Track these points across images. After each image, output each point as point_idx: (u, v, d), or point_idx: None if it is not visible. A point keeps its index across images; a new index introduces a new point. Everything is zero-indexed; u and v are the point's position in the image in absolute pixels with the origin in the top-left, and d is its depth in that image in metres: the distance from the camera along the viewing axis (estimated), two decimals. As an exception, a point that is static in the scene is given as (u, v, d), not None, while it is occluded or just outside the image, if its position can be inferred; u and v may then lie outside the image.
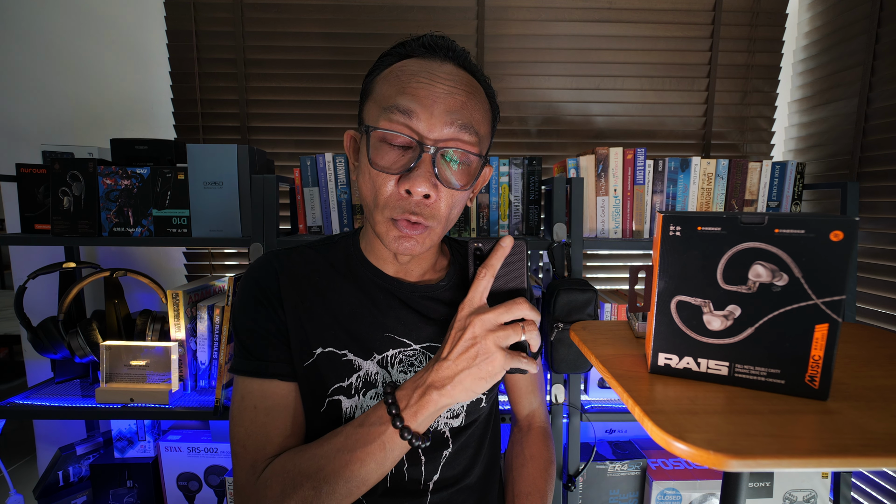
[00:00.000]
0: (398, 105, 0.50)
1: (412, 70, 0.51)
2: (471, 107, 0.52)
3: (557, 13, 1.24)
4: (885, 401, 0.37)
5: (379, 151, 0.51)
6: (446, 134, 0.50)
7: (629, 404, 0.38)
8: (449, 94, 0.51)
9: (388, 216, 0.52)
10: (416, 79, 0.51)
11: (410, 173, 0.50)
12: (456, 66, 0.53)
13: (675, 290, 0.40)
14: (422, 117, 0.50)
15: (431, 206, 0.52)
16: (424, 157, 0.50)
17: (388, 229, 0.53)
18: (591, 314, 0.87)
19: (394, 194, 0.51)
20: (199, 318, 1.00)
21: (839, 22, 1.14)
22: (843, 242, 0.34)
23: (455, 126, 0.50)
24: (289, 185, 1.05)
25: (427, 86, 0.50)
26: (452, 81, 0.51)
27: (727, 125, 1.29)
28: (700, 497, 0.99)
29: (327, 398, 0.56)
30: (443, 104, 0.50)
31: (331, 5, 1.23)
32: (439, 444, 0.59)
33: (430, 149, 0.50)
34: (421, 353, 0.59)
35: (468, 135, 0.52)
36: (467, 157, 0.53)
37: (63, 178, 0.95)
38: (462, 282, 0.64)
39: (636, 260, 1.35)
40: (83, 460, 1.13)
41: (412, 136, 0.50)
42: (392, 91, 0.51)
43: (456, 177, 0.53)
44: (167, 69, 1.24)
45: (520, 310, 0.48)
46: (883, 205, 1.03)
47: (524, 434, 0.72)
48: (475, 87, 0.54)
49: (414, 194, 0.50)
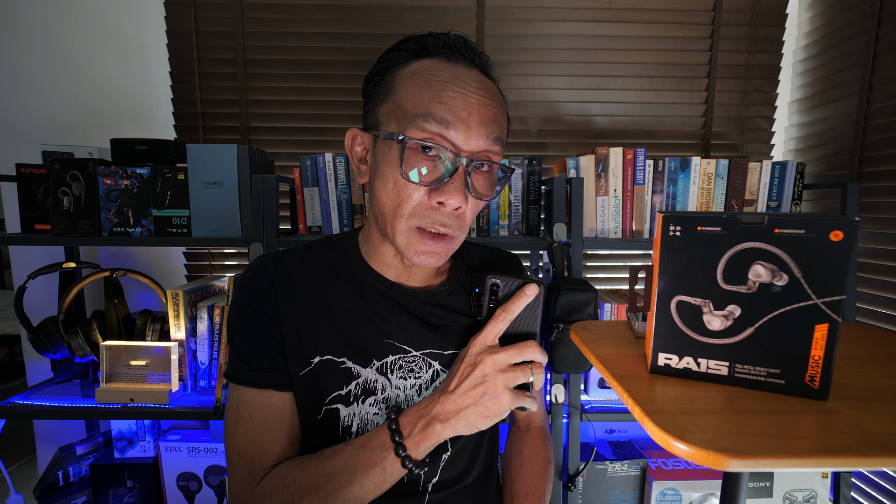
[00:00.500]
0: (434, 115, 0.48)
1: (443, 76, 0.50)
2: (500, 118, 0.53)
3: (557, 13, 1.24)
4: (885, 401, 0.37)
5: (410, 161, 0.50)
6: (480, 146, 0.50)
7: (629, 404, 0.38)
8: (482, 104, 0.50)
9: (414, 225, 0.51)
10: (449, 87, 0.49)
11: (445, 186, 0.49)
12: (481, 73, 0.53)
13: (675, 290, 0.40)
14: (459, 129, 0.49)
15: (461, 216, 0.52)
16: (460, 171, 0.50)
17: (412, 240, 0.52)
18: (591, 314, 0.87)
19: (422, 204, 0.51)
20: (199, 318, 1.00)
21: (839, 22, 1.14)
22: (843, 242, 0.34)
23: (489, 138, 0.51)
24: (289, 185, 1.05)
25: (461, 95, 0.49)
26: (484, 91, 0.51)
27: (727, 125, 1.29)
28: (700, 497, 0.99)
29: (324, 406, 0.55)
30: (478, 116, 0.50)
31: (331, 5, 1.23)
32: (439, 448, 0.59)
33: (465, 161, 0.50)
34: (421, 359, 0.58)
35: (499, 146, 0.52)
36: (495, 167, 0.54)
37: (63, 178, 0.95)
38: (463, 287, 0.64)
39: (636, 260, 1.35)
40: (83, 460, 1.13)
41: (449, 147, 0.49)
42: (423, 98, 0.49)
43: (485, 188, 0.54)
44: (167, 69, 1.24)
45: (531, 352, 0.49)
46: (883, 205, 1.03)
47: (522, 434, 0.72)
48: (499, 96, 0.54)
49: (447, 207, 0.50)
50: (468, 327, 0.61)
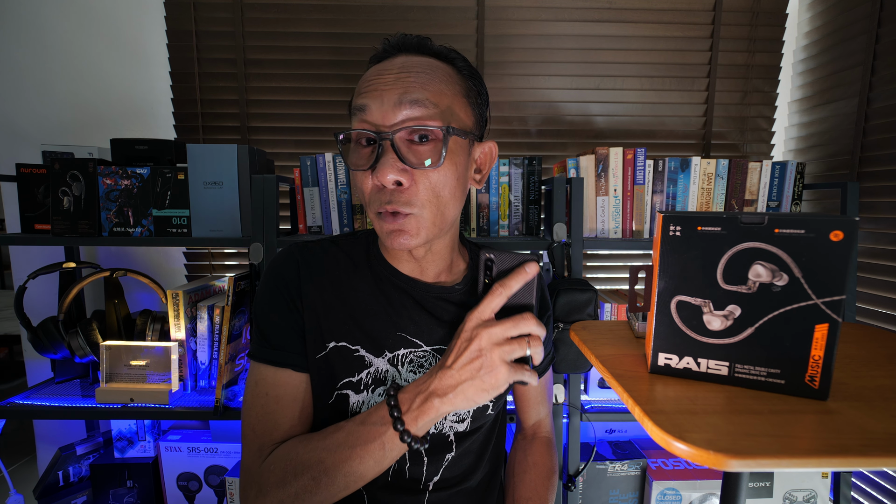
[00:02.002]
0: (355, 105, 0.53)
1: (368, 74, 0.54)
2: (421, 83, 0.51)
3: (557, 13, 1.24)
4: (885, 401, 0.37)
5: (351, 153, 0.55)
6: (399, 117, 0.51)
7: (629, 404, 0.38)
8: (396, 80, 0.51)
9: (374, 212, 0.54)
10: (368, 79, 0.53)
11: (376, 165, 0.51)
12: (408, 55, 0.54)
13: (675, 290, 0.40)
14: (373, 108, 0.51)
15: (407, 192, 0.51)
16: (385, 146, 0.51)
17: (381, 227, 0.54)
18: (591, 314, 0.87)
19: (373, 188, 0.53)
20: (199, 318, 1.00)
21: (839, 22, 1.14)
22: (843, 242, 0.34)
23: (405, 106, 0.50)
24: (289, 185, 1.05)
25: (375, 80, 0.52)
26: (401, 69, 0.52)
27: (727, 125, 1.29)
28: (700, 497, 0.99)
29: (336, 391, 0.57)
30: (391, 90, 0.51)
31: (331, 5, 1.23)
32: (443, 448, 0.59)
33: (388, 134, 0.50)
34: (431, 354, 0.59)
35: (421, 109, 0.50)
36: (429, 132, 0.51)
37: (63, 178, 0.95)
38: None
39: (636, 260, 1.35)
40: (83, 460, 1.13)
41: (369, 128, 0.51)
42: (354, 99, 0.54)
43: (422, 155, 0.51)
44: (167, 69, 1.24)
45: (527, 325, 0.49)
46: (883, 205, 1.03)
47: (528, 442, 0.72)
48: (431, 65, 0.53)
49: (385, 184, 0.51)
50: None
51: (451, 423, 0.59)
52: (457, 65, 0.56)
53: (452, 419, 0.59)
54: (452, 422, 0.59)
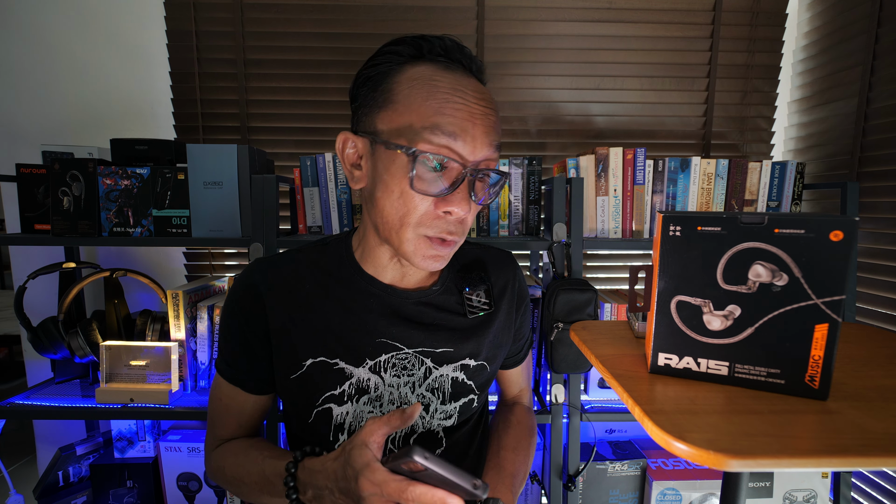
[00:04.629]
0: (441, 128, 0.49)
1: (444, 87, 0.50)
2: (498, 125, 0.54)
3: (557, 13, 1.24)
4: (885, 401, 0.37)
5: (419, 173, 0.50)
6: (484, 155, 0.51)
7: (629, 404, 0.38)
8: (484, 115, 0.51)
9: (421, 233, 0.52)
10: (452, 98, 0.50)
11: (452, 196, 0.51)
12: (478, 81, 0.54)
13: (675, 290, 0.40)
14: (465, 141, 0.50)
15: (464, 223, 0.54)
16: (466, 181, 0.51)
17: (419, 247, 0.53)
18: (591, 314, 0.87)
19: (429, 214, 0.52)
20: (199, 318, 1.00)
21: (839, 22, 1.14)
22: (843, 242, 0.34)
23: (492, 147, 0.52)
24: (289, 185, 1.05)
25: (464, 106, 0.50)
26: (483, 100, 0.52)
27: (727, 125, 1.29)
28: (700, 497, 0.99)
29: (315, 409, 0.57)
30: (482, 127, 0.51)
31: (331, 5, 1.23)
32: (433, 443, 0.60)
33: (470, 171, 0.51)
34: (414, 356, 0.59)
35: (497, 153, 0.54)
36: (494, 174, 0.55)
37: (63, 178, 0.95)
38: (455, 286, 0.64)
39: (636, 260, 1.35)
40: (83, 460, 1.13)
41: (456, 159, 0.50)
42: (428, 110, 0.49)
43: (486, 194, 0.56)
44: (167, 69, 1.24)
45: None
46: (883, 205, 1.03)
47: (510, 406, 0.77)
48: (494, 102, 0.55)
49: (455, 216, 0.52)
50: (459, 325, 0.62)
51: (439, 421, 0.60)
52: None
53: (440, 416, 0.60)
54: (440, 419, 0.60)
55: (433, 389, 0.60)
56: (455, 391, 0.60)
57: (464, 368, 0.61)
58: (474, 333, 0.62)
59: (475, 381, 0.62)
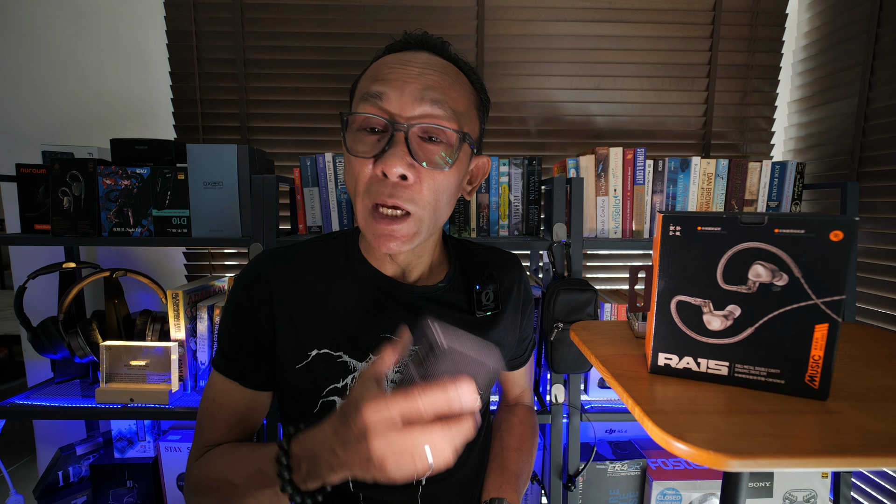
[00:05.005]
0: (370, 90, 0.50)
1: (387, 61, 0.53)
2: (445, 85, 0.51)
3: (557, 13, 1.24)
4: (885, 401, 0.37)
5: (355, 138, 0.52)
6: (418, 111, 0.50)
7: (629, 404, 0.38)
8: (420, 74, 0.51)
9: (367, 203, 0.51)
10: (388, 66, 0.52)
11: (384, 154, 0.49)
12: (431, 54, 0.54)
13: (675, 290, 0.40)
14: (392, 97, 0.49)
15: (411, 188, 0.50)
16: (397, 137, 0.49)
17: (370, 223, 0.51)
18: (591, 314, 0.87)
19: (372, 178, 0.50)
20: (199, 318, 1.00)
21: (839, 22, 1.14)
22: (843, 242, 0.34)
23: (426, 102, 0.50)
24: (289, 185, 1.05)
25: (398, 69, 0.51)
26: (424, 64, 0.52)
27: (727, 125, 1.29)
28: (700, 497, 0.99)
29: (321, 399, 0.56)
30: (414, 84, 0.50)
31: (331, 5, 1.23)
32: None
33: (403, 126, 0.49)
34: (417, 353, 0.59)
35: (441, 110, 0.50)
36: (444, 133, 0.51)
37: (63, 178, 0.95)
38: (462, 283, 0.64)
39: (636, 260, 1.35)
40: (83, 460, 1.13)
41: (383, 115, 0.50)
42: (367, 82, 0.52)
43: (432, 154, 0.51)
44: (167, 69, 1.24)
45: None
46: (883, 205, 1.03)
47: (512, 406, 0.77)
48: (452, 70, 0.54)
49: (389, 175, 0.49)
50: (465, 324, 0.61)
51: None
52: (470, 76, 0.57)
53: None
54: None
55: None
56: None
57: None
58: (479, 332, 0.62)
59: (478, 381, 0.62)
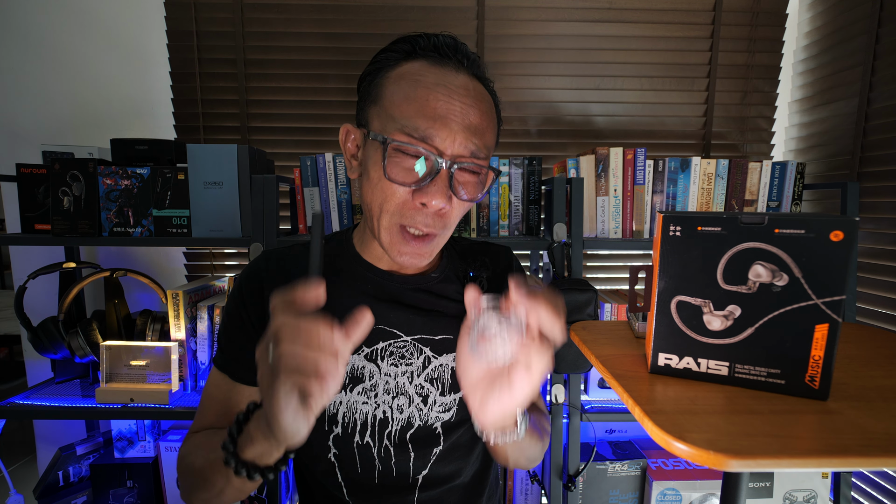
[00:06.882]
0: (416, 121, 0.50)
1: (428, 82, 0.51)
2: (485, 124, 0.53)
3: (557, 13, 1.24)
4: (885, 401, 0.37)
5: (394, 162, 0.51)
6: (463, 150, 0.51)
7: (629, 404, 0.38)
8: (465, 110, 0.51)
9: (396, 222, 0.53)
10: (433, 94, 0.50)
11: (427, 187, 0.50)
12: (469, 77, 0.53)
13: (675, 290, 0.40)
14: (442, 134, 0.50)
15: (445, 216, 0.53)
16: (442, 173, 0.51)
17: (394, 239, 0.53)
18: (591, 314, 0.87)
19: (406, 204, 0.52)
20: (200, 318, 1.00)
21: (839, 22, 1.14)
22: (843, 242, 0.34)
23: (472, 142, 0.51)
24: (289, 185, 1.05)
25: (445, 102, 0.50)
26: (469, 97, 0.52)
27: (727, 125, 1.29)
28: (700, 497, 0.99)
29: None
30: (461, 121, 0.50)
31: (331, 5, 1.23)
32: (430, 440, 0.59)
33: (447, 163, 0.51)
34: (412, 344, 0.59)
35: (483, 152, 0.53)
36: (482, 171, 0.54)
37: (63, 178, 0.95)
38: (455, 274, 0.64)
39: (636, 260, 1.35)
40: (83, 460, 1.13)
41: (432, 150, 0.50)
42: (408, 104, 0.50)
43: (469, 190, 0.54)
44: (167, 69, 1.24)
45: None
46: (883, 205, 1.03)
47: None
48: (488, 100, 0.55)
49: (430, 208, 0.51)
50: (459, 313, 0.61)
51: (437, 413, 0.59)
52: (495, 98, 0.57)
53: (439, 409, 0.59)
54: (439, 411, 0.59)
55: (432, 380, 0.59)
56: (455, 381, 0.60)
57: None
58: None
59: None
